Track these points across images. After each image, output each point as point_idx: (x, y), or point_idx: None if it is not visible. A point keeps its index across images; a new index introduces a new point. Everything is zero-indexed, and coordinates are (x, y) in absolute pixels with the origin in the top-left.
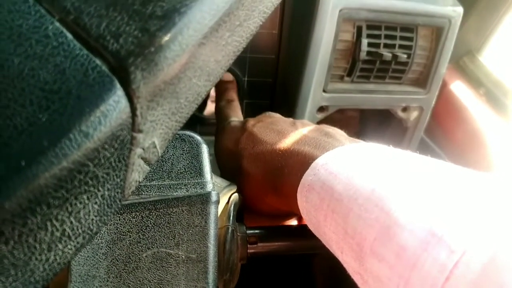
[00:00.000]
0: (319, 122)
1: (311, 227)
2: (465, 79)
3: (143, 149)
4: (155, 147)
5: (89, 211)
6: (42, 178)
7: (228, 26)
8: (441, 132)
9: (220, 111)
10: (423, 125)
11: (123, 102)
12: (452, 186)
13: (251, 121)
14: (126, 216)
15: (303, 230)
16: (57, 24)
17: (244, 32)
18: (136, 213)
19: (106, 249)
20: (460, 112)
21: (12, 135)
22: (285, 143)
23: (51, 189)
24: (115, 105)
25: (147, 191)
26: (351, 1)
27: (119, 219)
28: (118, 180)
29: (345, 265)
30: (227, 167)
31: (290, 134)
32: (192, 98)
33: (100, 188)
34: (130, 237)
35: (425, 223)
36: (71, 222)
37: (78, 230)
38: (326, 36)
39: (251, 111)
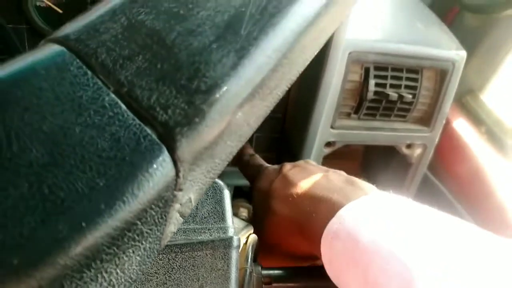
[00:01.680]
0: (326, 156)
1: (330, 273)
2: (468, 117)
3: (181, 204)
4: (190, 201)
5: (132, 262)
6: (99, 237)
7: (261, 96)
8: (443, 168)
9: (248, 163)
10: (426, 161)
11: (169, 167)
12: (473, 249)
13: (287, 166)
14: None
15: (317, 271)
16: (113, 95)
17: (273, 98)
18: (163, 255)
19: None
20: (463, 149)
21: (75, 199)
22: (315, 189)
23: (105, 247)
24: (163, 170)
25: (174, 235)
26: (360, 45)
27: None
28: (159, 233)
29: None
30: (259, 205)
31: (321, 181)
32: (225, 157)
33: (144, 242)
34: (157, 278)
35: (444, 283)
36: (117, 273)
37: (121, 279)
38: (336, 77)
39: None
